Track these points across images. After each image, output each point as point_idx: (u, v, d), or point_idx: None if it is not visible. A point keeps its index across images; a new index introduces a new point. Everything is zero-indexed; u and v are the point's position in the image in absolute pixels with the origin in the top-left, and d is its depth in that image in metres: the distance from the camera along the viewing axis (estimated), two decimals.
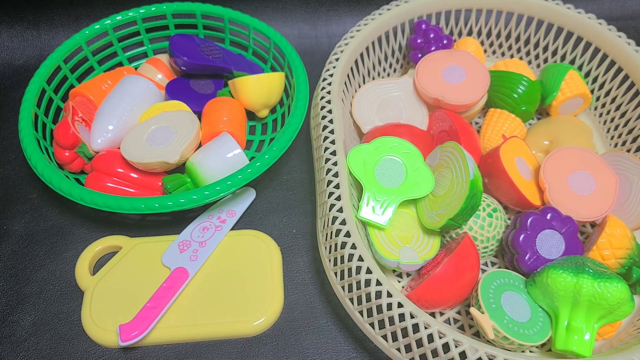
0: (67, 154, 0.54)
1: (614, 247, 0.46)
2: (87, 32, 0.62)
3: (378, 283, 0.41)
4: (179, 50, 0.60)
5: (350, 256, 0.43)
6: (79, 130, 0.55)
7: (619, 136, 0.60)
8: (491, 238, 0.49)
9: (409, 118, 0.58)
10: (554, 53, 0.66)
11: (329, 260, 0.46)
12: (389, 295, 0.40)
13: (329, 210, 0.46)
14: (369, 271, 0.41)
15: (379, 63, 0.65)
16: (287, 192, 0.58)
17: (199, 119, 0.59)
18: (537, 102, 0.60)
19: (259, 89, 0.59)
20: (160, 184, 0.53)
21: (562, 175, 0.50)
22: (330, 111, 0.52)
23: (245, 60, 0.65)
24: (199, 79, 0.63)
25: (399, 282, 0.50)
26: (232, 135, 0.56)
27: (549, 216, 0.47)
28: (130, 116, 0.55)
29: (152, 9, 0.64)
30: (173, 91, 0.60)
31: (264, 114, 0.61)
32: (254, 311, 0.47)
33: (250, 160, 0.56)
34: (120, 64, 0.66)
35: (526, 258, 0.46)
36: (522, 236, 0.46)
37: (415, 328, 0.39)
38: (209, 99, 0.60)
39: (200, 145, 0.56)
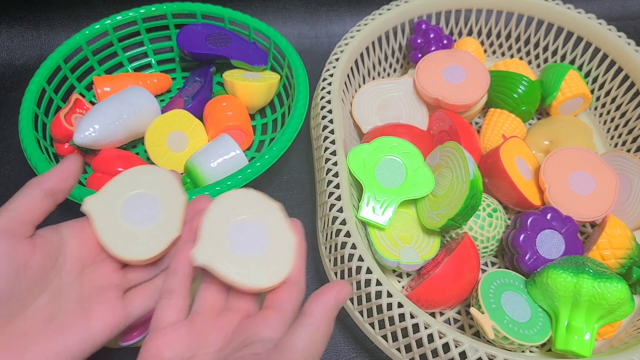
0: (66, 146, 0.55)
1: (614, 247, 0.46)
2: (87, 32, 0.62)
3: (378, 283, 0.41)
4: (184, 43, 0.62)
5: (351, 256, 0.43)
6: (77, 123, 0.55)
7: (619, 136, 0.60)
8: (491, 238, 0.49)
9: (409, 118, 0.58)
10: (554, 53, 0.66)
11: (329, 260, 0.46)
12: (389, 295, 0.40)
13: (329, 210, 0.46)
14: (369, 271, 0.41)
15: (379, 63, 0.65)
16: (287, 192, 0.58)
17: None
18: (537, 102, 0.60)
19: (254, 96, 0.60)
20: None
21: (562, 175, 0.50)
22: (330, 111, 0.52)
23: (249, 49, 0.65)
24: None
25: (399, 282, 0.50)
26: (240, 128, 0.58)
27: (549, 216, 0.47)
28: (123, 123, 0.54)
29: (152, 9, 0.64)
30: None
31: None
32: None
33: (250, 161, 0.56)
34: (120, 64, 0.66)
35: (526, 258, 0.46)
36: (522, 236, 0.46)
37: (415, 328, 0.39)
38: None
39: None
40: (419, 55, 0.63)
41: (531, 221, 0.46)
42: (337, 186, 0.46)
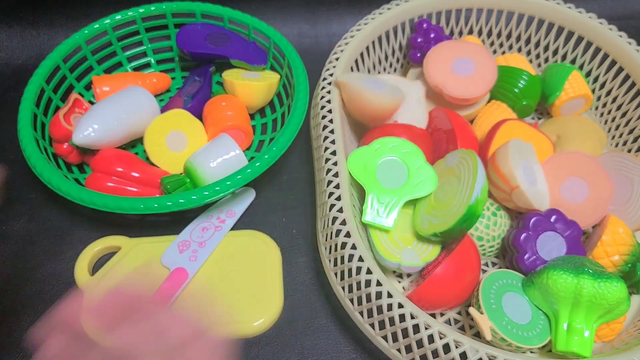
0: (65, 146, 0.54)
1: (618, 243, 0.46)
2: (86, 31, 0.62)
3: (378, 284, 0.41)
4: (184, 42, 0.62)
5: (351, 257, 0.43)
6: (76, 123, 0.55)
7: (620, 136, 0.59)
8: (496, 237, 0.49)
9: (408, 119, 0.57)
10: (555, 53, 0.66)
11: (329, 260, 0.46)
12: (389, 295, 0.40)
13: (329, 211, 0.45)
14: (369, 272, 0.41)
15: (379, 62, 0.65)
16: (287, 192, 0.58)
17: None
18: (538, 96, 0.60)
19: (254, 96, 0.60)
20: None
21: (555, 182, 0.50)
22: (330, 111, 0.52)
23: (249, 49, 0.64)
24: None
25: (399, 282, 0.50)
26: (240, 128, 0.57)
27: (553, 218, 0.47)
28: (122, 123, 0.54)
29: (152, 8, 0.64)
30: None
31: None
32: (253, 312, 0.47)
33: (249, 161, 0.55)
34: (119, 64, 0.66)
35: (525, 257, 0.46)
36: (523, 235, 0.46)
37: (416, 329, 0.39)
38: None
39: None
40: (418, 55, 0.62)
41: (534, 221, 0.46)
42: (337, 186, 0.46)
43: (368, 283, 0.41)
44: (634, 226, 0.49)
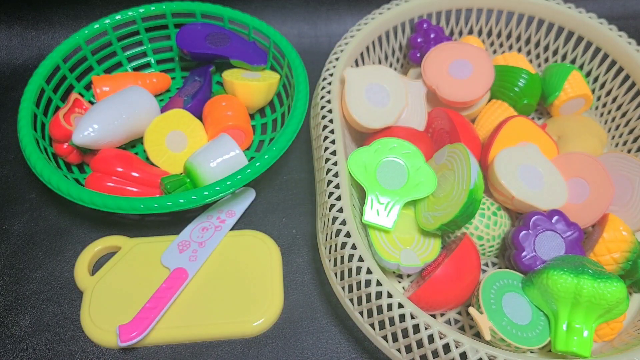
0: (65, 146, 0.54)
1: (619, 240, 0.46)
2: (86, 31, 0.62)
3: (378, 284, 0.41)
4: (184, 42, 0.62)
5: (351, 256, 0.43)
6: (76, 123, 0.54)
7: (620, 136, 0.59)
8: (496, 237, 0.49)
9: (407, 119, 0.57)
10: (555, 53, 0.66)
11: (329, 260, 0.46)
12: (389, 295, 0.40)
13: (329, 211, 0.45)
14: (369, 272, 0.41)
15: (379, 62, 0.65)
16: (287, 192, 0.58)
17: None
18: (539, 95, 0.60)
19: (254, 96, 0.60)
20: None
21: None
22: (330, 111, 0.52)
23: (249, 49, 0.64)
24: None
25: (399, 282, 0.50)
26: (240, 128, 0.57)
27: (554, 219, 0.47)
28: (122, 123, 0.54)
29: (152, 8, 0.64)
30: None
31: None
32: (253, 312, 0.47)
33: (249, 160, 0.55)
34: (119, 64, 0.66)
35: (522, 255, 0.46)
36: (522, 233, 0.46)
37: (416, 329, 0.39)
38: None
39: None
40: (418, 55, 0.62)
41: (534, 220, 0.46)
42: (337, 186, 0.46)
43: (368, 283, 0.41)
44: (635, 227, 0.49)
